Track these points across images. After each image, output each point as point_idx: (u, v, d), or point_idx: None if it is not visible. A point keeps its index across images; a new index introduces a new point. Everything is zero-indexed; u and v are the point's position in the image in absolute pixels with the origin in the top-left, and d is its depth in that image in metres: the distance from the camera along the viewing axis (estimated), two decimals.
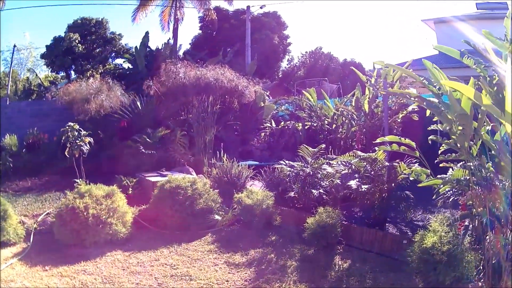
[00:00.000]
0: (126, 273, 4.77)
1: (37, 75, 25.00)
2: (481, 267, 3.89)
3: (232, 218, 6.59)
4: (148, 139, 9.76)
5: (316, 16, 60.52)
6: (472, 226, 4.02)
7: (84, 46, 23.46)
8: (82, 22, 24.04)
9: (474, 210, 3.89)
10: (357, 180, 5.68)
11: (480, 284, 3.80)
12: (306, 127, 11.34)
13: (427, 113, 4.46)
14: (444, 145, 4.41)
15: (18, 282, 4.40)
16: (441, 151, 4.50)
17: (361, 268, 4.79)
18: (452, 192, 4.36)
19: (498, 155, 3.73)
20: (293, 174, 6.79)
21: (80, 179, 7.23)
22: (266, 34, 29.28)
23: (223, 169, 8.13)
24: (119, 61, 24.80)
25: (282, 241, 5.81)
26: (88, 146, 7.44)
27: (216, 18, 21.06)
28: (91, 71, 23.44)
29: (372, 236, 5.35)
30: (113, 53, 25.33)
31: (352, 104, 10.22)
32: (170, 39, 19.43)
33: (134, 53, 18.72)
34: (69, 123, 7.36)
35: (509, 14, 3.51)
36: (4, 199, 6.06)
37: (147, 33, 18.80)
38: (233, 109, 11.45)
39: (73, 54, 22.62)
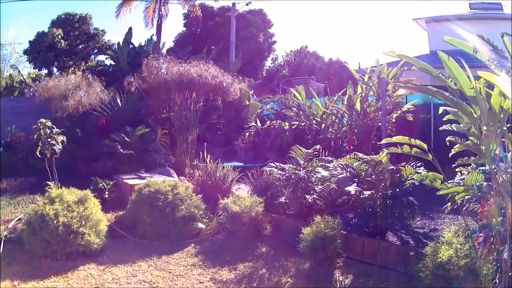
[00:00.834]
0: None
1: (19, 71, 24.13)
2: (497, 280, 3.59)
3: (217, 226, 6.06)
4: (126, 138, 9.12)
5: (302, 15, 60.11)
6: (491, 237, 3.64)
7: (67, 42, 23.37)
8: (65, 17, 23.77)
9: (494, 220, 3.52)
10: (356, 184, 5.19)
11: None
12: (293, 127, 10.91)
13: (439, 111, 3.99)
14: (455, 147, 4.05)
15: None
16: (452, 153, 4.11)
17: (365, 284, 4.35)
18: (467, 199, 3.92)
19: None
20: (284, 177, 6.24)
21: (53, 182, 6.62)
22: (252, 32, 29.07)
23: (206, 171, 7.57)
24: (101, 57, 24.75)
25: (274, 253, 5.30)
26: (61, 145, 6.84)
27: (201, 14, 20.73)
28: (73, 68, 23.02)
29: (374, 247, 4.85)
30: (96, 50, 25.13)
31: (344, 103, 9.79)
32: (153, 35, 18.86)
33: (116, 50, 17.97)
34: (41, 119, 6.76)
35: None
36: None
37: (130, 29, 17.95)
38: (217, 107, 11.19)
39: (55, 50, 22.40)
